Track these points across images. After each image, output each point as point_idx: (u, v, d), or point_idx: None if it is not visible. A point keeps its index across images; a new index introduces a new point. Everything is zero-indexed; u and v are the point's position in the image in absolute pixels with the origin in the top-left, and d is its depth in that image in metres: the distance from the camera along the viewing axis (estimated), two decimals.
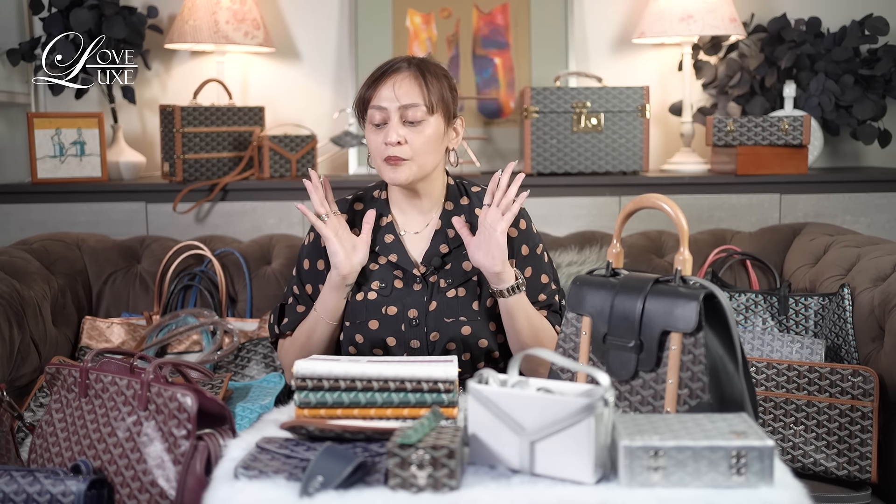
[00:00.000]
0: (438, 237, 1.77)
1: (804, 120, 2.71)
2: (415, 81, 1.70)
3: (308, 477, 1.14)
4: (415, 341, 1.72)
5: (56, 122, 2.70)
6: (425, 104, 1.69)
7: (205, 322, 2.14)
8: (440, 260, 1.76)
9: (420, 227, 1.80)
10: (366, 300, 1.74)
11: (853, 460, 1.81)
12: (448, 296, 1.74)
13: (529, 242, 1.79)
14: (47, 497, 1.38)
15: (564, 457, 1.15)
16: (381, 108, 1.70)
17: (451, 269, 1.76)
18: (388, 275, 1.76)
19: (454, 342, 1.72)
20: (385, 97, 1.69)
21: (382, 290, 1.74)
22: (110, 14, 2.73)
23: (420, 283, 1.75)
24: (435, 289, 1.74)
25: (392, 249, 1.77)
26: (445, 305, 1.73)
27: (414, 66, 1.72)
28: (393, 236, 1.78)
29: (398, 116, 1.69)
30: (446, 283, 1.75)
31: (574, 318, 1.41)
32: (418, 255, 1.77)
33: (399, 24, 3.00)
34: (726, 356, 1.31)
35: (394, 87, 1.69)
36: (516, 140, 2.99)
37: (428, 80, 1.70)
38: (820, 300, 2.13)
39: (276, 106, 3.02)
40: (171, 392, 1.37)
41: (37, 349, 2.02)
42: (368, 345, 1.74)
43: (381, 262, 1.77)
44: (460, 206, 1.81)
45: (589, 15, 3.07)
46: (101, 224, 2.62)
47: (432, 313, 1.72)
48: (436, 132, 1.72)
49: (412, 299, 1.73)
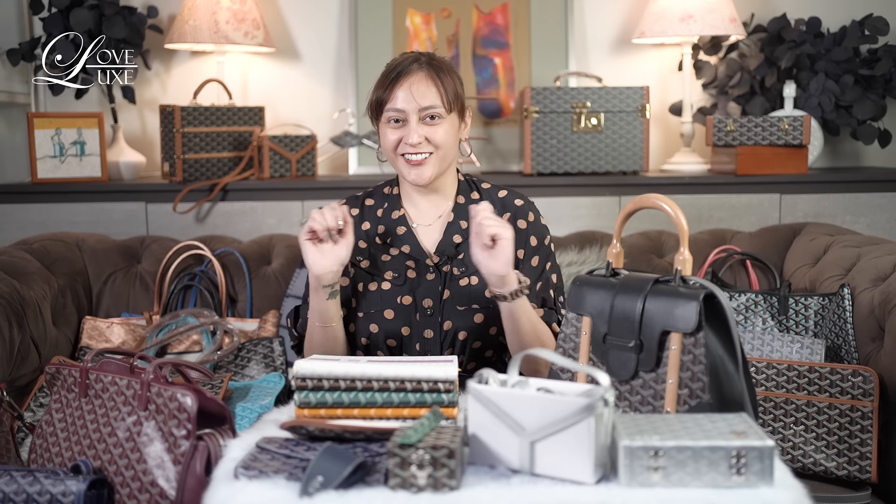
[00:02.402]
0: (452, 228, 1.80)
1: (804, 120, 2.71)
2: (431, 82, 1.73)
3: (308, 477, 1.14)
4: (428, 331, 1.74)
5: (56, 122, 2.70)
6: (443, 104, 1.73)
7: (205, 322, 2.14)
8: (454, 249, 1.78)
9: (432, 219, 1.83)
10: (380, 290, 1.76)
11: (853, 460, 1.81)
12: (461, 284, 1.76)
13: (537, 233, 1.83)
14: (47, 497, 1.38)
15: (564, 457, 1.15)
16: (400, 110, 1.73)
17: (465, 259, 1.78)
18: (400, 265, 1.78)
19: (466, 331, 1.74)
20: (402, 99, 1.72)
21: (396, 279, 1.77)
22: (110, 14, 2.73)
23: (433, 273, 1.77)
24: (448, 278, 1.77)
25: (404, 240, 1.79)
26: (459, 294, 1.75)
27: (426, 66, 1.74)
28: (405, 228, 1.80)
29: (417, 118, 1.72)
30: (459, 271, 1.77)
31: (574, 318, 1.41)
32: (431, 246, 1.79)
33: (399, 24, 3.00)
34: (726, 356, 1.31)
35: (410, 89, 1.72)
36: (516, 140, 2.99)
37: (443, 79, 1.74)
38: (820, 300, 2.13)
39: (276, 106, 3.02)
40: (171, 392, 1.37)
41: (37, 349, 2.02)
42: (382, 335, 1.75)
43: (394, 252, 1.79)
44: (471, 200, 1.84)
45: (589, 15, 3.07)
46: (101, 224, 2.62)
47: (446, 302, 1.75)
48: (453, 127, 1.76)
49: (425, 289, 1.76)
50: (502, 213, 1.82)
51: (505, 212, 1.83)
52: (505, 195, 1.86)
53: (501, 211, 1.82)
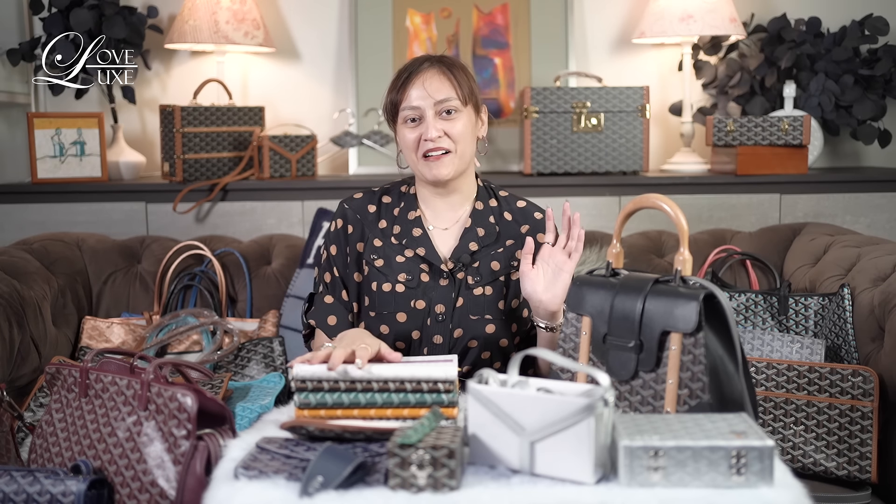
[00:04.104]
0: (468, 235, 1.78)
1: (804, 120, 2.71)
2: (444, 77, 1.73)
3: (308, 477, 1.14)
4: (438, 336, 1.73)
5: (56, 122, 2.70)
6: (458, 97, 1.73)
7: (205, 322, 2.14)
8: (469, 257, 1.77)
9: (449, 223, 1.81)
10: (394, 292, 1.75)
11: (853, 460, 1.81)
12: (475, 293, 1.75)
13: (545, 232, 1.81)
14: (47, 497, 1.38)
15: (564, 457, 1.15)
16: (415, 107, 1.72)
17: (480, 268, 1.76)
18: (414, 267, 1.76)
19: (476, 340, 1.73)
20: (417, 96, 1.72)
21: (409, 282, 1.75)
22: (110, 14, 2.73)
23: (447, 279, 1.75)
24: (462, 286, 1.75)
25: (420, 243, 1.78)
26: (472, 303, 1.74)
27: (438, 63, 1.75)
28: (421, 230, 1.79)
29: (433, 112, 1.72)
30: (474, 280, 1.76)
31: (574, 318, 1.41)
32: (446, 251, 1.78)
33: (399, 24, 3.00)
34: (726, 356, 1.31)
35: (424, 86, 1.72)
36: (516, 140, 2.99)
37: (456, 74, 1.74)
38: (820, 300, 2.13)
39: (276, 106, 3.02)
40: (171, 392, 1.37)
41: (37, 349, 2.02)
42: (392, 337, 1.74)
43: (408, 254, 1.78)
44: (489, 207, 1.82)
45: (589, 15, 3.07)
46: (101, 224, 2.62)
47: (459, 310, 1.74)
48: (469, 121, 1.76)
49: (439, 294, 1.74)
50: (521, 223, 1.81)
51: (524, 223, 1.82)
52: (524, 206, 1.85)
53: (521, 221, 1.82)
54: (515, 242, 1.80)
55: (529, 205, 1.86)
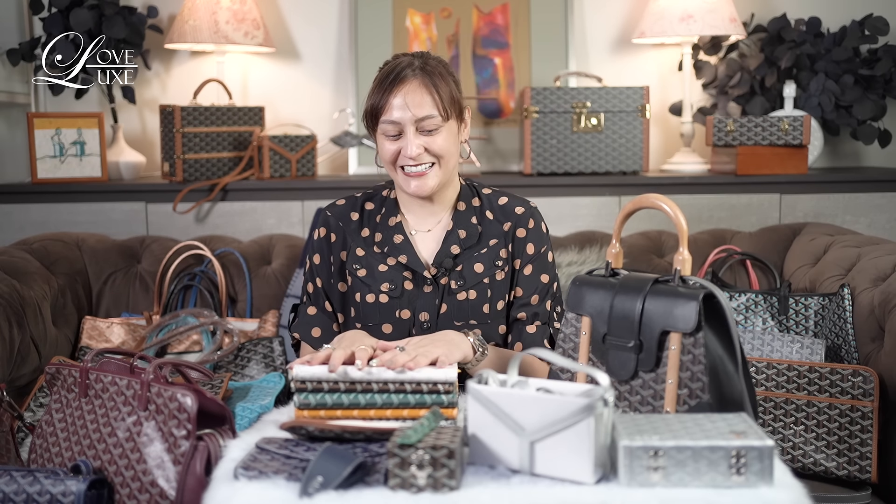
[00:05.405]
0: (450, 238, 1.75)
1: (804, 120, 2.70)
2: (426, 91, 1.66)
3: (308, 477, 1.14)
4: None
5: (56, 122, 2.70)
6: (440, 112, 1.67)
7: (205, 322, 2.14)
8: (451, 261, 1.73)
9: (431, 225, 1.78)
10: (377, 303, 1.72)
11: (853, 460, 1.81)
12: (459, 298, 1.72)
13: (536, 242, 1.78)
14: (47, 497, 1.38)
15: (564, 457, 1.15)
16: (395, 122, 1.67)
17: (463, 271, 1.73)
18: (397, 276, 1.73)
19: None
20: (397, 109, 1.66)
21: (393, 291, 1.72)
22: (110, 14, 2.73)
23: (430, 285, 1.72)
24: (446, 291, 1.72)
25: (402, 250, 1.74)
26: (456, 308, 1.71)
27: (419, 71, 1.68)
28: (402, 236, 1.75)
29: (413, 129, 1.67)
30: (457, 285, 1.72)
31: (574, 318, 1.41)
32: (429, 256, 1.75)
33: (399, 24, 3.00)
34: (726, 356, 1.31)
35: (405, 99, 1.65)
36: (516, 140, 2.99)
37: (438, 85, 1.67)
38: (820, 300, 2.13)
39: (276, 106, 3.02)
40: (171, 392, 1.37)
41: (37, 349, 2.02)
42: None
43: (391, 262, 1.74)
44: (472, 206, 1.79)
45: (589, 15, 3.07)
46: (101, 224, 2.62)
47: (443, 316, 1.71)
48: (452, 133, 1.71)
49: (423, 302, 1.72)
50: (503, 221, 1.78)
51: (506, 220, 1.78)
52: (506, 202, 1.80)
53: (502, 219, 1.78)
54: (499, 241, 1.76)
55: (511, 199, 1.80)
